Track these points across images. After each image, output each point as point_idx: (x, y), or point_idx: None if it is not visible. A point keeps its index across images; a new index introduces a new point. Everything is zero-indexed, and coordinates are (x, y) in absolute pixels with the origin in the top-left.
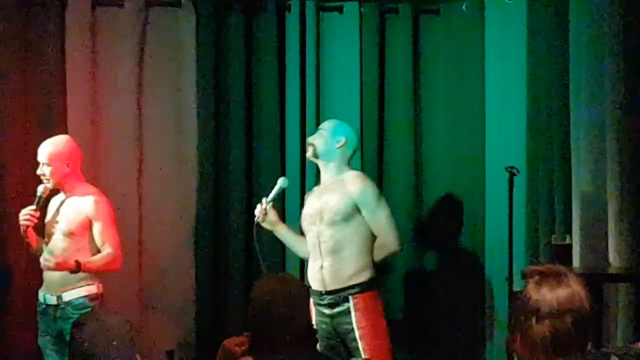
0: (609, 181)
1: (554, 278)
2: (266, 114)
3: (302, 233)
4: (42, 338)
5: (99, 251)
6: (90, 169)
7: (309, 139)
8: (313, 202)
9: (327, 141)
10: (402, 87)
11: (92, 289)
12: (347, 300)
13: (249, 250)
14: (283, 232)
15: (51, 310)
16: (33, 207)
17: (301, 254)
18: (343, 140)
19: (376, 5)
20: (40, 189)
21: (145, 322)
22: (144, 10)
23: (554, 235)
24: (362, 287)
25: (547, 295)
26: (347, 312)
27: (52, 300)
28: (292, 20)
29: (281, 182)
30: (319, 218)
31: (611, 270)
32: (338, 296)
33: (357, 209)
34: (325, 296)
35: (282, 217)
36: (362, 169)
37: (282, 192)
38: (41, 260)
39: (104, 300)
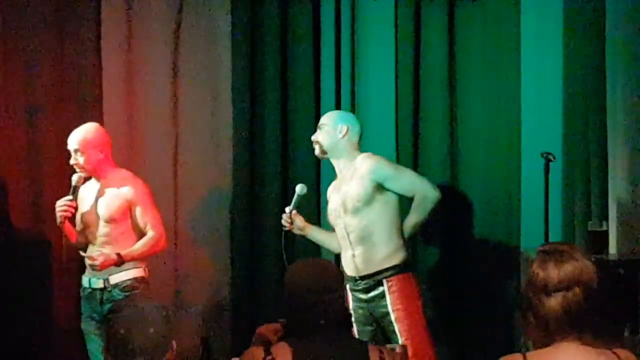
0: None
1: (559, 254)
2: (301, 99)
3: (332, 229)
4: (85, 322)
5: (143, 233)
6: (125, 157)
7: (313, 138)
8: (334, 196)
9: (330, 134)
10: (437, 75)
11: (139, 272)
12: (381, 284)
13: (284, 236)
14: (314, 234)
15: (97, 293)
16: (69, 197)
17: (335, 249)
18: (345, 128)
19: None
20: (75, 178)
21: (181, 306)
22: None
23: (590, 222)
24: (396, 270)
25: (553, 271)
26: (382, 295)
27: (99, 283)
28: (327, 6)
29: (299, 189)
30: (343, 209)
31: None
32: (372, 280)
33: (377, 189)
34: (360, 281)
35: (318, 212)
36: (397, 158)
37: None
38: (86, 262)
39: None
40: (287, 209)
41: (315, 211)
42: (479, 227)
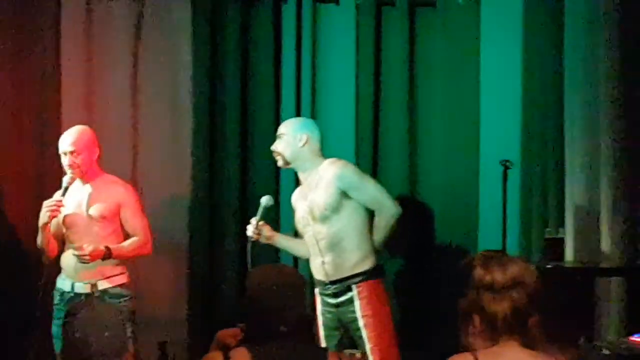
0: (602, 175)
1: (498, 258)
2: (262, 104)
3: (295, 234)
4: (58, 327)
5: (129, 236)
6: None
7: (273, 148)
8: (301, 204)
9: (290, 144)
10: (398, 80)
11: (123, 278)
12: (351, 289)
13: (243, 239)
14: (282, 242)
15: (82, 298)
16: (59, 197)
17: (303, 255)
18: (305, 137)
19: None
20: (66, 179)
21: (138, 312)
22: (140, 1)
23: (547, 229)
24: (366, 276)
25: (498, 272)
26: (351, 300)
27: (85, 288)
28: (288, 11)
29: (265, 201)
30: (311, 217)
31: (603, 265)
32: (342, 285)
33: (343, 195)
34: (330, 286)
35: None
36: (357, 162)
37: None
38: (73, 253)
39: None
40: (253, 220)
41: (275, 217)
42: (439, 234)
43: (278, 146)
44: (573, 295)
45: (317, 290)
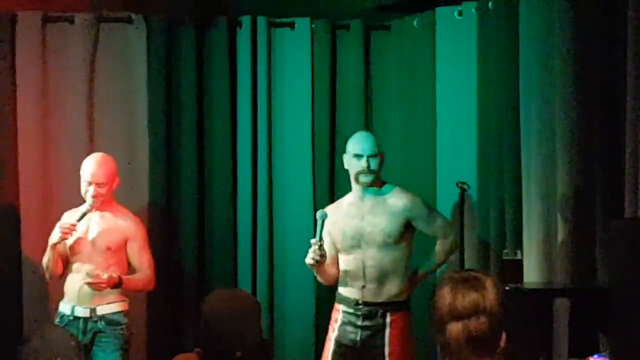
0: (559, 196)
1: (467, 282)
2: (218, 128)
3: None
4: None
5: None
6: (40, 185)
7: (365, 166)
8: (353, 223)
9: (378, 162)
10: (354, 102)
11: (125, 305)
12: (385, 316)
13: (202, 262)
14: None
15: (81, 322)
16: (75, 221)
17: (326, 280)
18: (382, 155)
19: (327, 22)
20: (86, 206)
21: None
22: (95, 25)
23: (505, 250)
24: (401, 306)
25: (458, 298)
26: (383, 327)
27: (84, 312)
28: (243, 36)
29: (322, 215)
30: (366, 241)
31: (560, 286)
32: (376, 309)
33: (407, 227)
34: (362, 307)
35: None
36: (314, 182)
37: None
38: (86, 280)
39: None
40: (314, 241)
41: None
42: None
43: (372, 164)
44: (531, 316)
45: (340, 307)
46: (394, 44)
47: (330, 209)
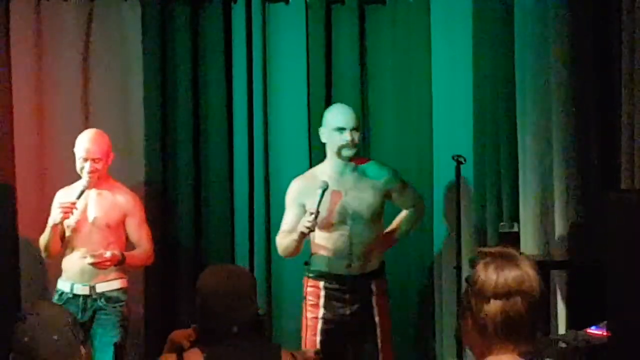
0: (555, 169)
1: (503, 259)
2: (213, 104)
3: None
4: None
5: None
6: (35, 164)
7: (356, 140)
8: (337, 198)
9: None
10: (349, 77)
11: (123, 282)
12: (370, 285)
13: (198, 240)
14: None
15: (80, 300)
16: (74, 199)
17: (291, 253)
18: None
19: None
20: (83, 182)
21: None
22: (89, 3)
23: (501, 223)
24: (381, 272)
25: (495, 276)
26: (369, 296)
27: (84, 290)
28: (238, 11)
29: (324, 185)
30: (352, 217)
31: (558, 258)
32: (362, 281)
33: (385, 200)
34: (348, 281)
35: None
36: (310, 156)
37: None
38: (89, 261)
39: None
40: (312, 210)
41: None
42: None
43: (356, 137)
44: None
45: (321, 284)
46: (389, 18)
47: (303, 181)
